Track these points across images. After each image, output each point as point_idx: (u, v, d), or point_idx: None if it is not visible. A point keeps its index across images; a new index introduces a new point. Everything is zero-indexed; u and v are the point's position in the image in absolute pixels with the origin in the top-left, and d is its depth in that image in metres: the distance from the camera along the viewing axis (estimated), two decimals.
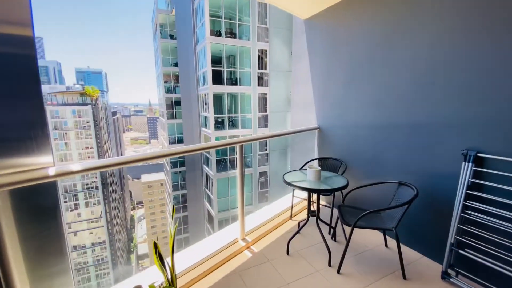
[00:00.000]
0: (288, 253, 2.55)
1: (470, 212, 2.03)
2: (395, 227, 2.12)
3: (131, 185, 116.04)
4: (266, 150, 18.98)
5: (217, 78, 16.42)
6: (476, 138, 2.01)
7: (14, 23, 1.09)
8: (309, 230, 2.94)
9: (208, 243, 2.62)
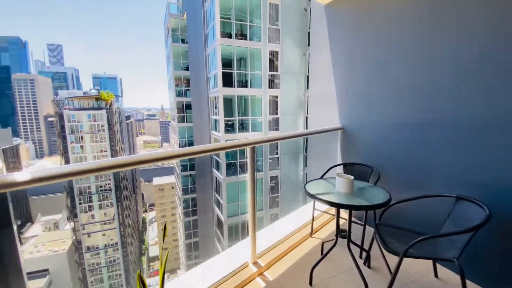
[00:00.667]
0: (311, 283, 2.03)
1: None
2: (457, 257, 1.58)
3: (143, 188, 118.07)
4: (277, 153, 18.43)
5: (227, 81, 16.14)
6: None
7: None
8: (336, 252, 2.41)
9: (213, 266, 2.15)
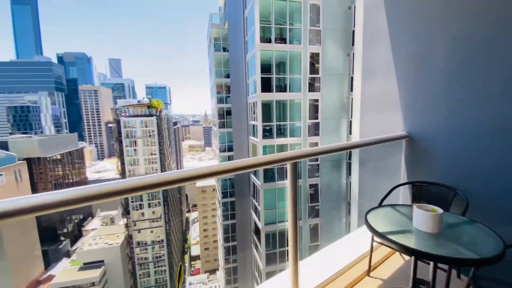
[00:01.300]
0: None
1: None
2: None
3: (187, 189, 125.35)
4: (317, 160, 17.44)
5: (266, 86, 15.98)
6: None
7: None
8: None
9: None
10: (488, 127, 1.89)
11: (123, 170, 66.70)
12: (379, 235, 1.39)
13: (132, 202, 68.70)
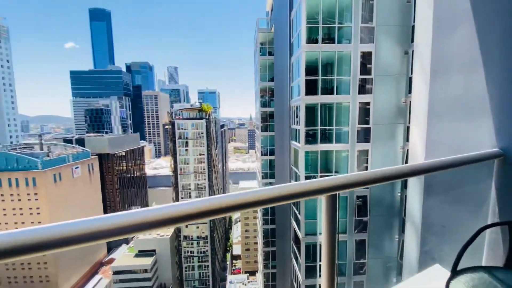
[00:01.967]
0: None
1: None
2: None
3: (231, 189, 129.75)
4: (367, 168, 15.84)
5: (311, 88, 15.26)
6: None
7: None
8: None
9: None
10: None
11: (175, 168, 72.42)
12: None
13: (182, 198, 73.88)
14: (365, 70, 15.37)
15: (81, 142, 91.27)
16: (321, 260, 1.23)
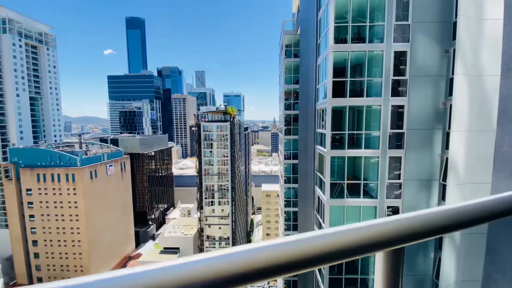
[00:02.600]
0: None
1: None
2: None
3: (253, 191, 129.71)
4: (399, 177, 14.59)
5: (338, 91, 14.52)
6: None
7: None
8: None
9: None
10: None
11: (200, 169, 74.37)
12: None
13: (206, 198, 75.43)
14: (398, 71, 14.29)
15: (115, 142, 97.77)
16: None
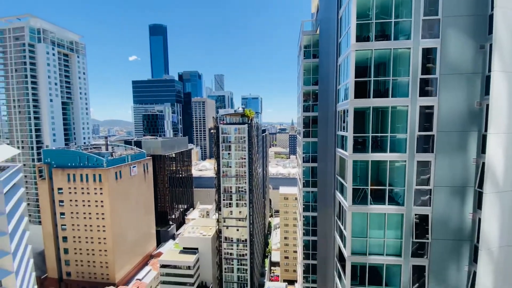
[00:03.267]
0: None
1: None
2: None
3: (271, 194, 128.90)
4: (428, 183, 13.49)
5: (360, 91, 13.80)
6: None
7: None
8: None
9: None
10: None
11: (218, 171, 75.16)
12: None
13: (224, 200, 76.00)
14: (427, 69, 13.31)
15: (138, 144, 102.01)
16: None
